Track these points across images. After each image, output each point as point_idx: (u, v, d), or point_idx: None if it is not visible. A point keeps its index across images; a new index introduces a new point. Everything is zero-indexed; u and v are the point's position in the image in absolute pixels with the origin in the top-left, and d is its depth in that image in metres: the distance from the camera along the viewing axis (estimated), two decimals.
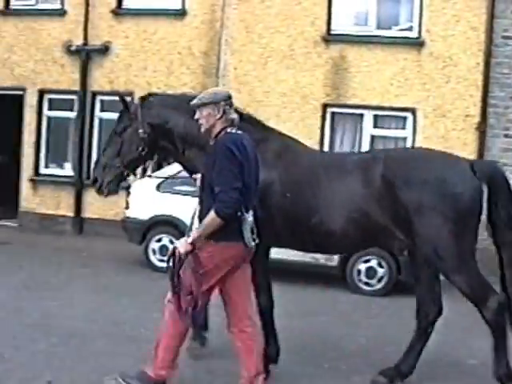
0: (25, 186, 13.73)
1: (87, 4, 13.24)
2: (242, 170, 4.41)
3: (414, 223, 5.03)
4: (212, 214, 4.34)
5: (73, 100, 13.47)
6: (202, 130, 4.65)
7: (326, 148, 12.01)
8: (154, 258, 10.12)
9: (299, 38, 12.20)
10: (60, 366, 5.40)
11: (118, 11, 13.21)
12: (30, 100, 13.69)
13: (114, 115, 5.93)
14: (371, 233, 5.21)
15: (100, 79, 13.30)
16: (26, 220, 13.59)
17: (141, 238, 10.17)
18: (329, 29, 12.14)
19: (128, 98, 6.15)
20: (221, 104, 4.57)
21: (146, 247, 10.17)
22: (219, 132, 4.57)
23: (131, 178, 5.93)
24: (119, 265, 10.32)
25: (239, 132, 4.63)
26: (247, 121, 5.31)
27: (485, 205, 5.16)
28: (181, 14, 12.80)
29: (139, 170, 6.30)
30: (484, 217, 5.15)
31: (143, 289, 8.68)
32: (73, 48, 13.32)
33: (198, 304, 4.44)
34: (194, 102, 4.65)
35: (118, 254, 11.06)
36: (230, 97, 4.65)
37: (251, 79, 12.43)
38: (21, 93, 13.72)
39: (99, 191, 5.66)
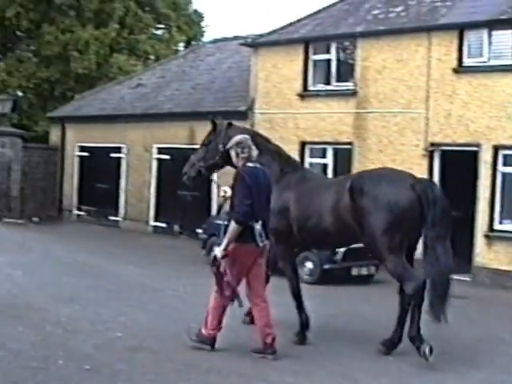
0: (479, 242, 16.32)
1: None
2: (251, 192, 7.87)
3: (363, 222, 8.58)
4: (232, 223, 7.84)
5: None
6: (234, 162, 8.27)
7: None
8: None
9: None
10: None
11: None
12: (485, 156, 16.26)
13: None
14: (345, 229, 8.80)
15: None
16: (480, 275, 16.15)
17: None
18: None
19: (219, 121, 9.96)
20: (233, 148, 8.22)
21: None
22: (242, 165, 8.11)
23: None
24: None
25: (256, 165, 8.18)
26: (287, 161, 9.70)
27: None
28: None
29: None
30: None
31: None
32: None
33: (234, 289, 8.04)
34: (227, 145, 8.46)
35: None
36: (240, 142, 8.20)
37: None
38: (476, 149, 16.41)
39: (186, 180, 10.00)
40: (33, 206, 25.57)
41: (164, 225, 22.91)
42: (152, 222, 23.23)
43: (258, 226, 7.98)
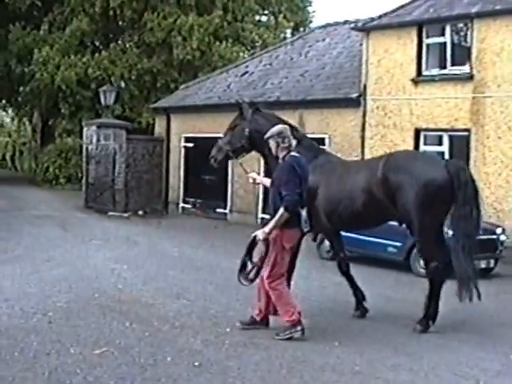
0: None
1: None
2: (300, 181, 8.53)
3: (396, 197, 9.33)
4: (281, 210, 8.37)
5: None
6: (274, 152, 8.80)
7: None
8: None
9: None
10: None
11: None
12: None
13: None
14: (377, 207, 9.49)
15: None
16: None
17: None
18: None
19: (246, 106, 10.36)
20: (274, 138, 8.74)
21: None
22: (285, 155, 8.65)
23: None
24: None
25: (298, 155, 8.73)
26: (306, 146, 9.88)
27: None
28: None
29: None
30: None
31: None
32: None
33: (258, 272, 8.74)
34: (266, 135, 8.82)
35: None
36: (280, 132, 8.76)
37: None
38: None
39: (213, 163, 10.49)
40: (138, 199, 26.22)
41: None
42: (260, 214, 23.49)
43: (303, 213, 8.74)
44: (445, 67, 18.88)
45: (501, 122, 17.63)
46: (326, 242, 15.49)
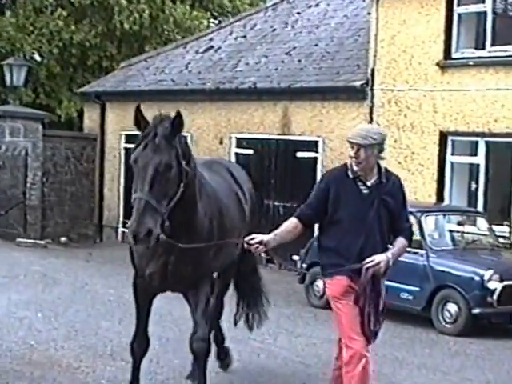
0: None
1: None
2: None
3: None
4: (405, 242, 8.37)
5: None
6: (357, 167, 8.24)
7: None
8: None
9: None
10: None
11: None
12: None
13: None
14: None
15: None
16: None
17: None
18: None
19: None
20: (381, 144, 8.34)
21: None
22: (380, 168, 8.38)
23: None
24: None
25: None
26: None
27: None
28: None
29: None
30: None
31: None
32: None
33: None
34: (357, 140, 8.14)
35: None
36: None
37: None
38: None
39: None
40: (59, 221, 26.20)
41: None
42: None
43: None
44: (483, 47, 19.14)
45: None
46: (319, 284, 15.69)
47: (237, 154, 23.91)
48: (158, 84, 26.62)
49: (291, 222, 8.22)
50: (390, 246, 8.27)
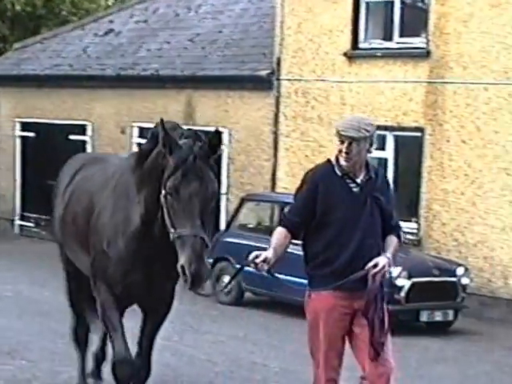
0: None
1: None
2: None
3: None
4: (397, 240, 7.78)
5: None
6: (347, 164, 7.52)
7: None
8: None
9: None
10: None
11: None
12: None
13: None
14: None
15: None
16: None
17: None
18: None
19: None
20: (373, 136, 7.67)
21: None
22: (368, 163, 7.69)
23: None
24: None
25: None
26: None
27: None
28: None
29: None
30: None
31: None
32: None
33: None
34: (351, 133, 7.44)
35: None
36: None
37: None
38: None
39: None
40: None
41: None
42: None
43: None
44: (391, 38, 19.18)
45: (466, 119, 17.87)
46: (225, 280, 15.55)
47: (139, 144, 23.44)
48: (55, 69, 26.02)
49: (280, 234, 7.45)
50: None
